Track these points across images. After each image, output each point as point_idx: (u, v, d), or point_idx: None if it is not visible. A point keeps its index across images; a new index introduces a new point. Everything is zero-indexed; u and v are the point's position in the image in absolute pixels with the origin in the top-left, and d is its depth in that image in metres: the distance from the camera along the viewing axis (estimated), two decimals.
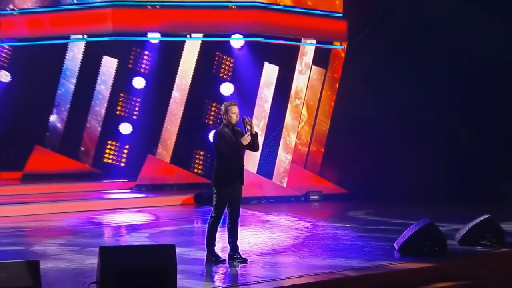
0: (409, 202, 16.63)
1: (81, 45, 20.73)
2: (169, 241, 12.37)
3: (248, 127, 9.83)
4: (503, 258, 11.11)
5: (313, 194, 19.07)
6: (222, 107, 10.21)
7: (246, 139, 9.80)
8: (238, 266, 9.78)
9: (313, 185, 19.51)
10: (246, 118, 10.00)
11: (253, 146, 10.08)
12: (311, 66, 19.83)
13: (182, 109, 19.89)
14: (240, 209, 15.28)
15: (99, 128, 21.08)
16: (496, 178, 17.88)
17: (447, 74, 18.53)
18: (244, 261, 9.86)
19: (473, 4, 17.87)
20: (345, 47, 19.88)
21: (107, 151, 21.02)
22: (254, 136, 9.94)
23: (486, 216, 11.57)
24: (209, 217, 10.11)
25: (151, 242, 11.91)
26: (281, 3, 19.62)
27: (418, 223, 10.92)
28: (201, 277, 9.44)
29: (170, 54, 20.20)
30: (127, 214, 16.58)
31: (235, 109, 9.96)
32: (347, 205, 18.05)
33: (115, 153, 21.10)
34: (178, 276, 8.22)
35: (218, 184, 10.01)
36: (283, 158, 19.53)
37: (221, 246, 10.37)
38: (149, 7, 18.94)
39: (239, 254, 9.92)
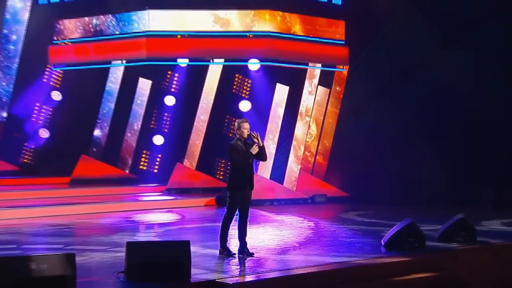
0: (401, 204, 16.44)
1: (121, 69, 20.83)
2: (191, 237, 11.11)
3: (255, 140, 9.93)
4: (475, 253, 11.13)
5: (319, 197, 19.01)
6: (235, 124, 10.30)
7: (255, 149, 9.91)
8: (246, 259, 9.86)
9: (319, 189, 19.39)
10: (253, 132, 10.04)
11: (261, 156, 10.20)
12: (317, 86, 19.76)
13: (206, 123, 19.88)
14: (255, 209, 15.68)
15: (136, 140, 21.04)
16: (477, 185, 17.54)
17: (434, 96, 18.18)
18: (251, 255, 9.96)
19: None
20: (347, 69, 19.82)
21: (142, 159, 21.00)
22: (262, 148, 10.06)
23: (461, 216, 11.60)
24: (223, 217, 10.25)
25: (176, 238, 11.77)
26: (292, 32, 19.38)
27: (401, 223, 10.94)
28: (213, 268, 9.49)
29: (196, 76, 20.11)
30: (158, 214, 16.64)
31: (246, 125, 10.04)
32: (347, 207, 17.89)
33: (149, 161, 21.07)
34: (193, 267, 8.45)
35: (231, 189, 10.13)
36: (293, 166, 19.36)
37: (235, 242, 10.38)
38: (179, 36, 18.97)
39: (247, 249, 10.03)
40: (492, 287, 10.35)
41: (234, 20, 19.08)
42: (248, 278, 9.11)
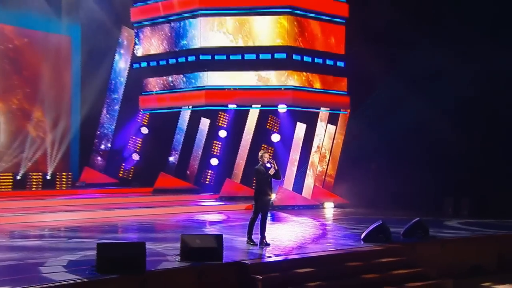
0: (385, 210, 15.96)
1: (188, 112, 20.97)
2: (232, 232, 12.54)
3: (272, 165, 10.23)
4: (427, 245, 11.28)
5: (327, 204, 18.90)
6: (259, 153, 10.61)
7: (272, 171, 10.20)
8: (263, 248, 10.16)
9: (327, 198, 19.23)
10: (271, 159, 10.45)
11: (276, 176, 10.41)
12: (327, 124, 19.72)
13: (247, 150, 19.79)
14: (280, 212, 16.17)
15: (198, 161, 21.02)
16: (442, 196, 17.20)
17: (412, 130, 17.53)
18: (268, 245, 10.22)
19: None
20: (348, 112, 19.80)
21: (204, 175, 20.97)
22: (276, 171, 10.28)
23: (418, 219, 11.63)
24: (250, 217, 10.57)
25: (223, 232, 11.40)
26: (311, 86, 19.48)
27: (375, 223, 11.09)
28: (241, 252, 9.87)
29: (241, 116, 20.02)
30: (212, 215, 16.73)
31: (266, 155, 10.42)
32: (346, 211, 17.71)
33: (208, 177, 21.00)
34: (226, 251, 8.86)
35: (255, 199, 10.46)
36: (309, 181, 19.23)
37: (259, 236, 10.47)
38: (232, 89, 19.23)
39: (265, 240, 10.28)
40: (438, 269, 10.23)
41: (272, 77, 19.12)
42: (261, 260, 9.42)
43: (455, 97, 16.66)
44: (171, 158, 21.40)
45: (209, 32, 19.32)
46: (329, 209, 18.49)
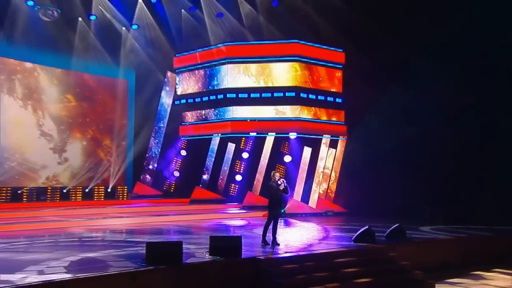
0: (376, 217, 15.42)
1: (218, 138, 20.95)
2: (251, 234, 12.40)
3: (283, 182, 10.34)
4: (405, 246, 11.08)
5: (329, 212, 18.75)
6: (272, 173, 10.72)
7: (281, 187, 10.29)
8: (275, 247, 10.12)
9: (329, 207, 19.07)
10: (281, 178, 10.54)
11: (285, 192, 10.41)
12: (328, 148, 19.60)
13: (265, 168, 19.45)
14: (290, 218, 15.71)
15: (226, 177, 20.89)
16: (419, 206, 16.76)
17: (399, 148, 17.14)
18: (278, 244, 10.20)
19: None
20: (345, 138, 19.65)
21: (230, 188, 20.76)
22: (285, 187, 10.36)
23: (398, 224, 11.52)
24: (265, 223, 10.52)
25: (244, 234, 11.63)
26: (320, 118, 19.38)
27: (362, 229, 10.97)
28: (257, 250, 9.82)
29: (260, 141, 19.91)
30: (236, 220, 16.56)
31: (277, 174, 10.56)
32: (344, 218, 17.53)
33: (233, 190, 20.77)
34: (244, 249, 8.89)
35: (269, 209, 10.51)
36: (314, 193, 19.17)
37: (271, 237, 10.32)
38: (252, 120, 19.26)
39: (276, 241, 10.28)
40: (413, 264, 10.08)
41: (288, 111, 18.97)
42: (272, 256, 9.37)
43: (422, 127, 16.62)
44: (204, 176, 21.33)
45: (236, 75, 19.31)
46: (330, 216, 18.20)
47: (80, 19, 19.60)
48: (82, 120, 21.07)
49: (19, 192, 18.55)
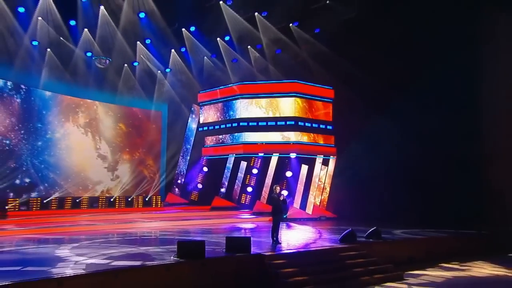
0: (361, 222, 14.53)
1: (232, 158, 20.78)
2: (259, 234, 12.26)
3: (282, 194, 10.69)
4: (376, 244, 10.94)
5: (322, 217, 18.51)
6: (274, 186, 10.83)
7: (282, 198, 10.54)
8: (277, 245, 10.15)
9: (323, 214, 18.86)
10: (282, 190, 10.83)
11: (284, 202, 10.64)
12: (321, 165, 19.43)
13: (270, 181, 19.10)
14: (290, 223, 15.26)
15: (239, 189, 20.65)
16: (395, 212, 16.20)
17: (382, 163, 16.74)
18: (280, 243, 10.23)
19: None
20: (335, 158, 19.50)
21: (242, 198, 20.49)
22: (284, 198, 10.69)
23: (375, 227, 11.47)
24: (271, 226, 10.55)
25: (253, 235, 11.52)
26: (317, 141, 19.31)
27: (347, 231, 10.91)
28: (262, 247, 9.77)
29: (267, 160, 19.78)
30: (247, 224, 16.29)
31: (278, 188, 10.72)
32: (334, 223, 16.96)
33: (245, 199, 20.49)
34: (253, 247, 8.97)
35: (272, 215, 10.59)
36: (310, 202, 18.98)
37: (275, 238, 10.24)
38: (260, 143, 19.38)
39: (279, 240, 10.34)
40: (386, 259, 10.07)
41: (292, 136, 18.96)
42: (274, 252, 9.32)
43: (396, 149, 16.60)
44: (222, 188, 21.12)
45: (248, 107, 19.44)
46: (323, 221, 17.90)
47: (126, 65, 20.30)
48: (130, 144, 21.52)
49: (77, 200, 19.07)
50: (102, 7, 16.19)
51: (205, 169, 22.10)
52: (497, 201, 14.56)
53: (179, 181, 22.51)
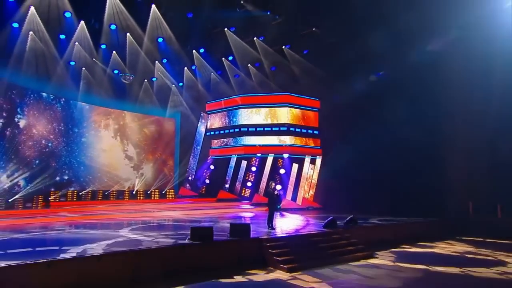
0: (343, 211, 14.27)
1: (235, 158, 20.59)
2: (257, 222, 11.94)
3: (276, 189, 10.70)
4: (356, 229, 11.03)
5: (310, 207, 18.58)
6: (270, 183, 10.86)
7: (275, 192, 10.56)
8: (273, 230, 10.20)
9: (310, 204, 18.97)
10: (276, 186, 10.86)
11: (278, 196, 10.70)
12: (309, 164, 19.50)
13: (267, 178, 19.28)
14: (283, 212, 15.09)
15: (241, 184, 20.53)
16: (371, 203, 15.92)
17: (363, 160, 16.51)
18: (274, 229, 10.28)
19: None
20: (321, 157, 19.52)
21: (243, 191, 20.40)
22: (278, 192, 10.77)
23: (352, 215, 11.50)
24: (267, 215, 10.58)
25: (252, 222, 11.28)
26: (308, 144, 19.30)
27: (329, 218, 10.87)
28: (260, 232, 9.63)
29: (263, 160, 19.67)
30: (247, 213, 16.04)
31: (273, 184, 10.72)
32: (319, 212, 16.83)
33: (246, 192, 20.42)
34: (252, 232, 8.94)
35: (268, 206, 10.58)
36: (300, 195, 19.06)
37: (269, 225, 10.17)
38: (258, 146, 19.45)
39: (273, 226, 10.39)
40: (360, 241, 9.99)
41: (287, 140, 19.02)
42: (270, 236, 9.24)
43: (373, 150, 16.40)
44: (226, 184, 20.99)
45: (250, 115, 19.40)
46: (310, 211, 17.79)
47: (145, 80, 20.48)
48: (152, 146, 21.39)
49: (106, 193, 19.29)
50: (128, 34, 16.56)
51: (212, 167, 22.11)
52: (451, 194, 14.74)
53: (190, 178, 22.52)
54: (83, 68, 17.75)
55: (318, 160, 19.78)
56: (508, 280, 7.78)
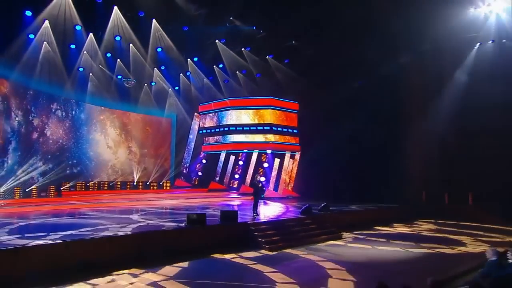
0: (319, 200, 13.53)
1: (224, 153, 20.14)
2: (244, 209, 11.96)
3: (261, 179, 10.99)
4: (328, 215, 10.85)
5: (290, 197, 18.38)
6: (255, 175, 11.37)
7: (259, 184, 10.78)
8: (257, 216, 10.26)
9: (290, 194, 18.85)
10: (260, 178, 11.13)
11: (262, 187, 10.99)
12: (289, 159, 19.44)
13: (252, 171, 19.19)
14: (267, 201, 15.73)
15: (229, 176, 20.09)
16: (345, 191, 16.14)
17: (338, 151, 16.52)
18: (259, 215, 10.37)
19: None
20: (300, 153, 19.56)
21: (231, 183, 20.02)
22: (262, 184, 11.11)
23: (325, 203, 11.73)
24: (252, 203, 10.67)
25: (240, 209, 11.28)
26: (289, 141, 19.18)
27: (306, 205, 10.95)
28: (246, 218, 9.81)
29: (249, 155, 19.41)
30: (235, 201, 16.09)
31: (258, 177, 11.28)
32: (298, 200, 16.85)
33: (234, 183, 20.01)
34: (240, 217, 9.12)
35: (254, 195, 10.76)
36: (281, 185, 19.00)
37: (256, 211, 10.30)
38: (244, 143, 19.14)
39: (258, 213, 10.49)
40: (332, 225, 10.07)
41: (272, 138, 19.01)
42: (255, 221, 9.45)
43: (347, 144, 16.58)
44: (217, 176, 20.67)
45: (238, 115, 19.36)
46: (289, 199, 17.61)
47: (145, 84, 20.39)
48: (152, 143, 21.07)
49: (111, 184, 19.17)
50: (131, 45, 16.77)
51: (204, 161, 21.90)
52: (409, 184, 15.19)
53: (184, 171, 22.35)
54: (91, 74, 17.76)
55: (297, 156, 19.86)
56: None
